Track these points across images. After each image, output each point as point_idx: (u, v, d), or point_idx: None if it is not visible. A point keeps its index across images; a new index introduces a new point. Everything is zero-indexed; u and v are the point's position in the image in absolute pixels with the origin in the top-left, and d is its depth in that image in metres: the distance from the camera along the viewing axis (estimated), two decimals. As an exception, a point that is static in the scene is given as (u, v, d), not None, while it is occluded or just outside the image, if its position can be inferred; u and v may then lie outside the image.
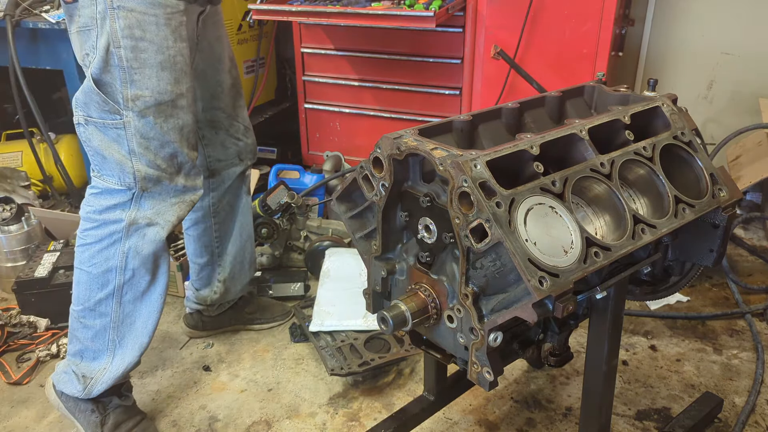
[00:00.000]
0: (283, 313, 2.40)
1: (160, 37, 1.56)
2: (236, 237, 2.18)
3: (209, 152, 2.04)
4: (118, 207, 1.65)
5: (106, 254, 1.67)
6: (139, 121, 1.58)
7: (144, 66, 1.55)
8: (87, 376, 1.76)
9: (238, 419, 1.95)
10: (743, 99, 3.15)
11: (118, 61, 1.53)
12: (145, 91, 1.57)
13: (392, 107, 3.21)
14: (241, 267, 2.24)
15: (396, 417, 1.73)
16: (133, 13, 1.52)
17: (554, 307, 1.05)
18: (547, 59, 2.74)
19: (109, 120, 1.58)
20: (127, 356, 1.76)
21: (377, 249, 1.32)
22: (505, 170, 1.14)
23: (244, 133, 2.07)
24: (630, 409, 1.94)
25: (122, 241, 1.66)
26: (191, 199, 1.73)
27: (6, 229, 2.61)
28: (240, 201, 2.16)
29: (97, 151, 1.63)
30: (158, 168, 1.64)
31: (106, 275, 1.68)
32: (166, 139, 1.62)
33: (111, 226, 1.65)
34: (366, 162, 1.27)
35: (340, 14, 2.71)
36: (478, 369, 1.16)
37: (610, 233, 1.25)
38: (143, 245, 1.67)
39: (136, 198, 1.65)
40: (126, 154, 1.61)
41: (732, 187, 1.40)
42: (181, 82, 1.62)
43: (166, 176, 1.66)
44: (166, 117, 1.61)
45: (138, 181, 1.63)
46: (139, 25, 1.53)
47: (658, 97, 1.45)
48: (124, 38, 1.52)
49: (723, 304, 2.44)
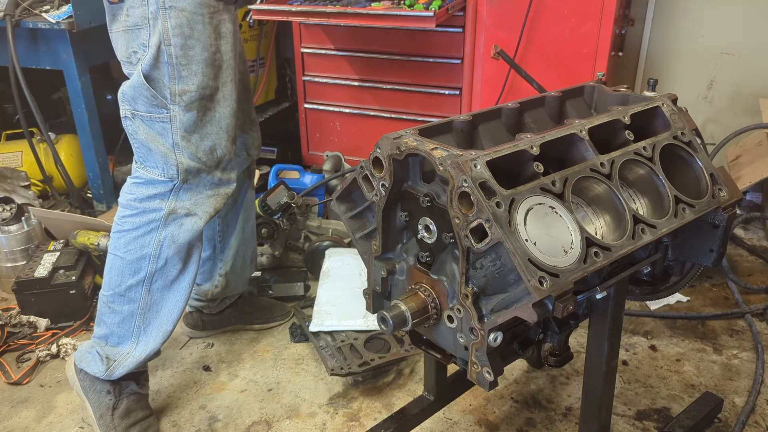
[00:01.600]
0: (283, 313, 2.40)
1: (206, 35, 1.64)
2: (239, 231, 2.19)
3: None
4: (158, 197, 1.72)
5: (142, 241, 1.73)
6: (184, 115, 1.66)
7: (191, 62, 1.63)
8: (111, 358, 1.81)
9: (238, 419, 1.95)
10: (743, 99, 3.15)
11: (167, 58, 1.61)
12: (191, 86, 1.64)
13: (392, 107, 3.21)
14: (243, 262, 2.24)
15: (396, 417, 1.73)
16: (184, 13, 1.60)
17: (554, 307, 1.05)
18: (547, 59, 2.74)
19: (156, 114, 1.66)
20: (151, 343, 1.81)
21: (377, 249, 1.32)
22: (505, 170, 1.14)
23: (250, 125, 2.11)
24: (630, 409, 1.94)
25: (159, 230, 1.73)
26: (226, 192, 1.80)
27: (6, 229, 2.61)
28: (244, 195, 2.17)
29: (143, 143, 1.70)
30: (199, 161, 1.71)
31: (139, 262, 1.74)
32: (206, 132, 1.70)
33: (150, 215, 1.72)
34: (366, 162, 1.27)
35: (340, 14, 2.71)
36: (478, 369, 1.16)
37: (610, 233, 1.25)
38: (180, 234, 1.74)
39: (176, 189, 1.72)
40: (170, 146, 1.68)
41: (732, 187, 1.40)
42: (219, 76, 1.69)
43: (206, 169, 1.73)
44: (206, 110, 1.69)
45: (180, 173, 1.70)
46: (188, 24, 1.61)
47: (658, 97, 1.44)
48: (175, 36, 1.60)
49: (723, 304, 2.44)
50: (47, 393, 2.08)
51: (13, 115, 3.53)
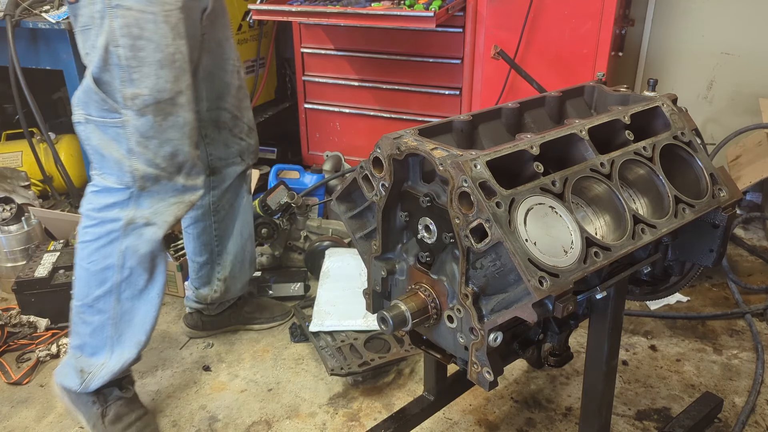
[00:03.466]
0: (283, 312, 2.40)
1: (159, 35, 1.55)
2: (237, 236, 2.18)
3: (211, 151, 2.04)
4: (117, 205, 1.65)
5: (104, 252, 1.67)
6: (138, 120, 1.58)
7: (142, 64, 1.55)
8: (85, 370, 1.77)
9: (238, 419, 1.95)
10: (743, 99, 3.15)
11: (116, 60, 1.54)
12: (144, 90, 1.56)
13: (392, 107, 3.21)
14: (242, 266, 2.23)
15: (396, 417, 1.73)
16: (131, 12, 1.52)
17: (554, 307, 1.05)
18: (547, 59, 2.74)
19: (108, 119, 1.59)
20: (125, 353, 1.76)
21: (377, 249, 1.32)
22: (505, 170, 1.14)
23: (248, 133, 2.07)
24: (630, 409, 1.94)
25: (120, 240, 1.66)
26: (190, 199, 1.73)
27: (6, 229, 2.61)
28: (241, 200, 2.16)
29: (96, 149, 1.63)
30: (157, 167, 1.63)
31: (104, 272, 1.68)
32: (166, 137, 1.62)
33: (109, 225, 1.66)
34: (366, 162, 1.27)
35: (340, 14, 2.71)
36: (478, 369, 1.16)
37: (610, 233, 1.25)
38: (140, 244, 1.67)
39: (135, 197, 1.65)
40: (125, 152, 1.61)
41: (732, 187, 1.40)
42: (180, 79, 1.61)
43: (165, 175, 1.65)
44: (166, 115, 1.60)
45: (136, 179, 1.63)
46: (136, 24, 1.52)
47: (658, 97, 1.44)
48: (122, 37, 1.52)
49: (723, 304, 2.44)
50: (47, 393, 2.07)
51: (13, 115, 3.53)
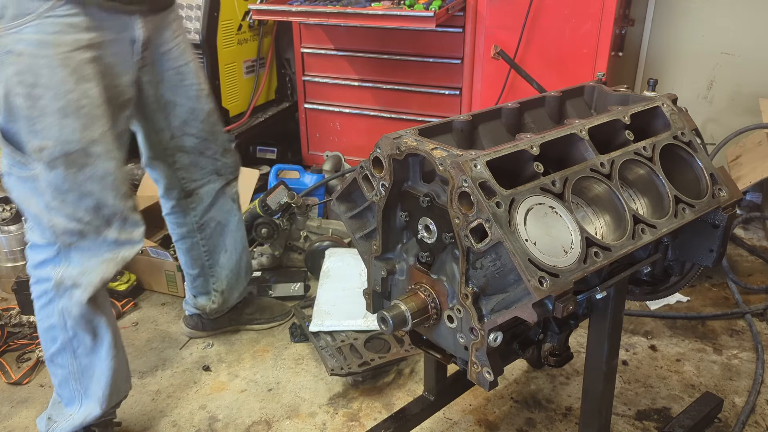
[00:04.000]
0: (282, 312, 2.39)
1: (56, 81, 1.40)
2: (230, 252, 2.13)
3: (182, 175, 1.94)
4: (48, 263, 1.56)
5: (46, 312, 1.60)
6: (50, 173, 1.45)
7: (44, 114, 1.41)
8: (53, 418, 1.74)
9: (238, 419, 1.95)
10: (743, 99, 3.15)
11: (18, 110, 1.41)
12: (49, 142, 1.42)
13: (392, 107, 3.21)
14: (237, 278, 2.21)
15: (396, 417, 1.73)
16: (22, 58, 1.37)
17: (554, 307, 1.05)
18: (547, 59, 2.74)
19: (23, 172, 1.47)
20: (90, 408, 1.70)
21: (377, 249, 1.32)
22: (505, 170, 1.14)
23: (222, 154, 1.96)
24: (630, 409, 1.94)
25: (55, 301, 1.58)
26: (124, 256, 1.58)
27: (6, 229, 2.61)
28: (228, 216, 2.07)
29: (20, 203, 1.54)
30: (80, 221, 1.50)
31: (51, 331, 1.62)
32: (85, 190, 1.48)
33: (44, 284, 1.58)
34: (366, 162, 1.27)
35: (340, 14, 2.71)
36: (478, 369, 1.16)
37: (610, 233, 1.25)
38: (72, 307, 1.58)
39: (63, 253, 1.54)
40: (43, 207, 1.49)
41: (732, 187, 1.40)
42: (90, 127, 1.45)
43: (91, 229, 1.52)
44: (80, 167, 1.46)
45: (57, 235, 1.51)
46: (29, 70, 1.38)
47: (658, 97, 1.44)
48: (18, 85, 1.39)
49: (723, 304, 2.44)
50: (47, 393, 2.07)
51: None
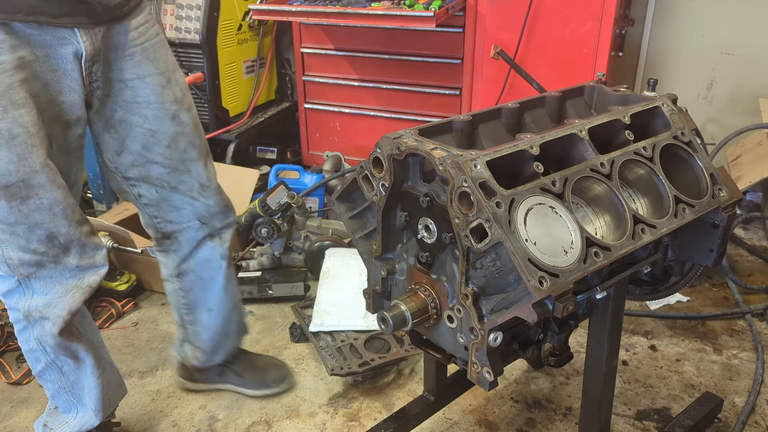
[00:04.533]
0: (277, 378, 2.05)
1: None
2: (215, 312, 1.87)
3: (153, 213, 1.72)
4: (13, 293, 1.51)
5: (24, 336, 1.57)
6: None
7: None
8: (48, 425, 1.73)
9: (238, 419, 1.95)
10: (743, 99, 3.15)
11: None
12: None
13: (392, 107, 3.22)
14: (225, 339, 1.96)
15: (396, 417, 1.73)
16: None
17: (554, 307, 1.05)
18: (547, 59, 2.74)
19: None
20: (87, 417, 1.69)
21: (377, 249, 1.32)
22: (505, 170, 1.14)
23: (200, 191, 1.69)
24: (630, 409, 1.94)
25: (30, 328, 1.54)
26: (89, 282, 1.52)
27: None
28: (214, 273, 1.82)
29: None
30: (35, 252, 1.43)
31: (34, 353, 1.59)
32: (34, 222, 1.40)
33: (16, 313, 1.54)
34: (366, 162, 1.27)
35: (340, 14, 2.71)
36: (478, 369, 1.16)
37: (610, 233, 1.25)
38: (46, 337, 1.54)
39: (25, 284, 1.48)
40: None
41: (732, 187, 1.40)
42: (29, 157, 1.34)
43: (48, 259, 1.45)
44: (23, 199, 1.37)
45: (13, 268, 1.45)
46: None
47: (658, 97, 1.44)
48: None
49: (723, 304, 2.44)
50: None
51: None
